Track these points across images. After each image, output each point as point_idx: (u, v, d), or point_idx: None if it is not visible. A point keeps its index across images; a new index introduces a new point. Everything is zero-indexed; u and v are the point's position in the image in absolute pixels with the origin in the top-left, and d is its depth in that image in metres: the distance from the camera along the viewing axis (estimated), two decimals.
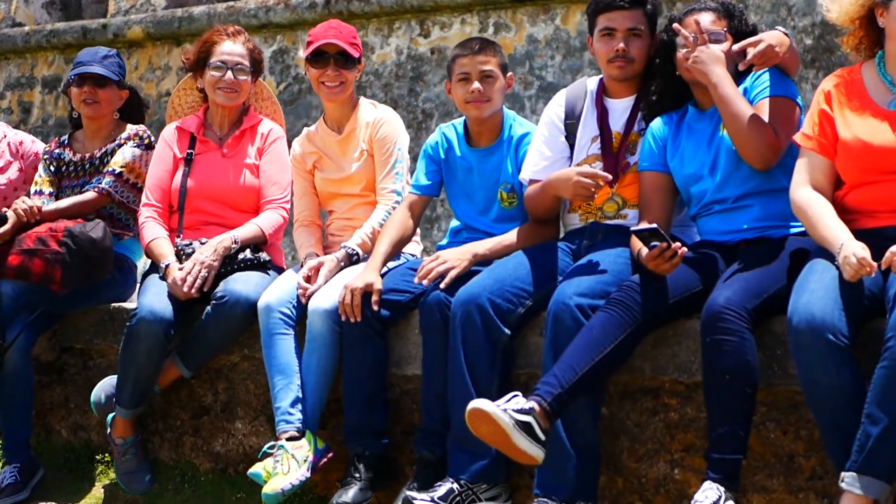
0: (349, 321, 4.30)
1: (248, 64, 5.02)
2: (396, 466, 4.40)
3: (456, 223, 4.73)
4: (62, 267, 4.87)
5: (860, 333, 3.48)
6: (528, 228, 4.40)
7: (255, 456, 4.55)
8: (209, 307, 4.63)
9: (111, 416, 4.80)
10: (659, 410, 3.99)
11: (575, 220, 4.40)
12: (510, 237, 4.37)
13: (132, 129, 5.28)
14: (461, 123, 4.64)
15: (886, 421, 3.28)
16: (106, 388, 4.86)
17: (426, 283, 4.21)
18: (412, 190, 4.68)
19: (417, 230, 4.76)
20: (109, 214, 5.22)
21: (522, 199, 4.44)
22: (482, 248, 4.32)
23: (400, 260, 4.69)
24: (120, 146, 5.24)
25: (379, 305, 4.28)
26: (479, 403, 3.61)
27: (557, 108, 4.45)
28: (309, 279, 4.54)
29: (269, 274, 4.78)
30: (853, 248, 3.46)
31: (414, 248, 4.87)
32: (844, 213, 3.71)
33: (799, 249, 3.80)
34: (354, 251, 4.66)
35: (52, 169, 5.32)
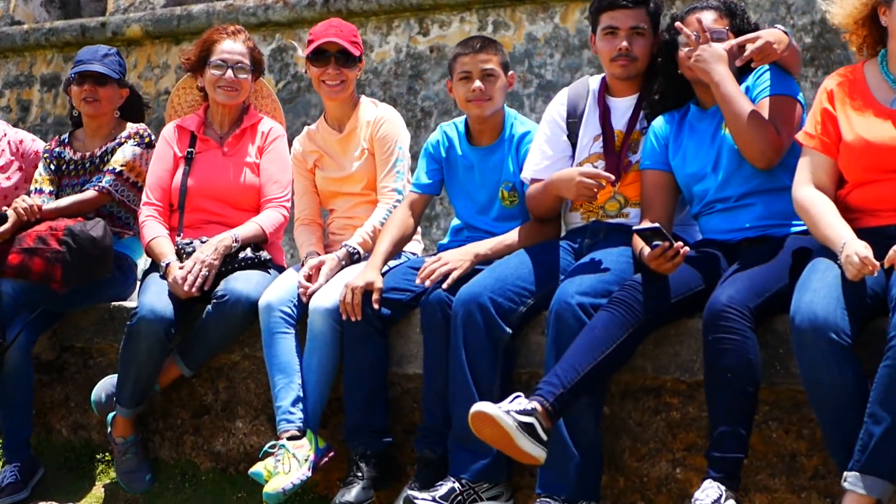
0: (350, 320, 4.30)
1: (248, 63, 5.02)
2: (398, 465, 4.40)
3: (457, 222, 4.73)
4: (62, 266, 4.86)
5: (863, 332, 3.47)
6: (529, 227, 4.40)
7: (255, 455, 4.55)
8: (210, 306, 4.63)
9: (111, 415, 4.79)
10: (661, 410, 3.99)
11: (577, 218, 4.39)
12: (511, 236, 4.36)
13: (132, 127, 5.27)
14: (462, 122, 4.63)
15: (889, 420, 3.28)
16: (106, 387, 4.86)
17: (428, 284, 4.21)
18: (413, 188, 4.68)
19: (418, 229, 4.76)
20: (109, 213, 5.21)
21: (523, 197, 4.44)
22: (483, 248, 4.32)
23: (401, 259, 4.68)
24: (120, 145, 5.22)
25: (380, 304, 4.28)
26: (482, 406, 3.60)
27: (559, 106, 4.44)
28: (310, 278, 4.54)
29: (269, 273, 4.77)
30: (855, 247, 3.45)
31: (415, 246, 4.87)
32: (847, 211, 3.70)
33: (801, 248, 3.79)
34: (355, 250, 4.65)
35: (52, 167, 5.31)
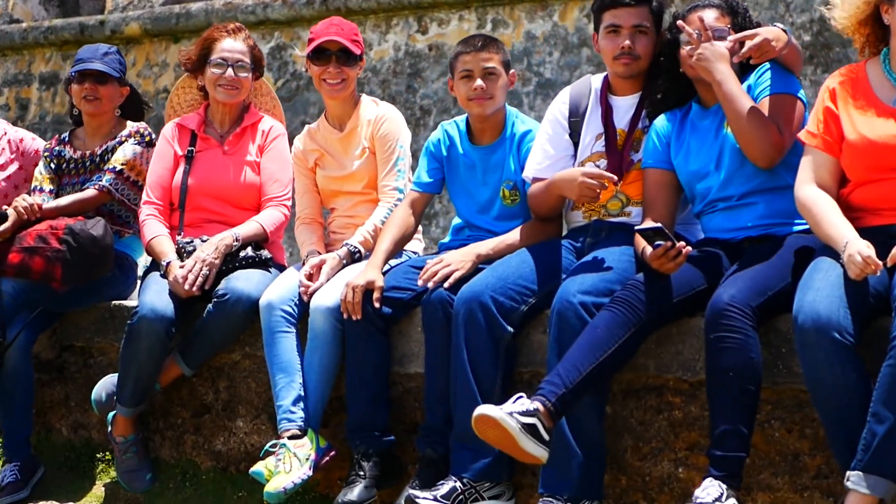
0: (351, 319, 4.29)
1: (248, 61, 5.01)
2: (400, 464, 4.39)
3: (458, 221, 4.72)
4: (63, 265, 4.85)
5: (865, 332, 3.47)
6: (530, 226, 4.39)
7: (256, 454, 4.54)
8: (210, 305, 4.62)
9: (112, 414, 4.78)
10: (663, 409, 3.98)
11: (578, 217, 4.38)
12: (513, 236, 4.36)
13: (133, 126, 5.26)
14: (463, 120, 4.62)
15: (892, 419, 3.27)
16: (107, 386, 4.85)
17: (431, 285, 4.19)
18: (414, 187, 4.67)
19: (419, 227, 4.75)
20: (110, 212, 5.20)
21: (524, 196, 4.44)
22: (485, 248, 4.31)
23: (402, 258, 4.68)
24: (121, 143, 5.22)
25: (381, 303, 4.27)
26: (485, 410, 3.60)
27: (561, 105, 4.44)
28: (311, 277, 4.53)
29: (270, 272, 4.77)
30: (858, 246, 3.45)
31: (416, 245, 4.86)
32: (849, 210, 3.70)
33: (803, 247, 3.79)
34: (356, 249, 4.65)
35: (52, 166, 5.30)
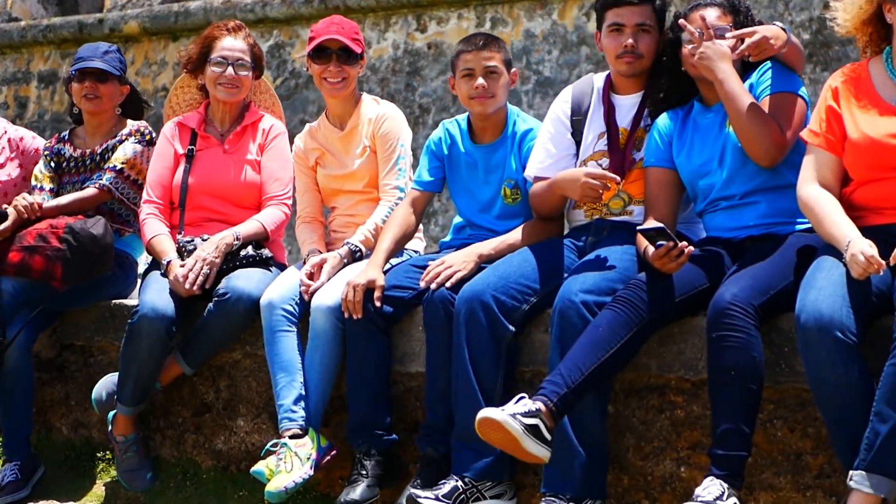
0: (352, 318, 4.29)
1: (249, 59, 5.00)
2: (401, 464, 4.39)
3: (458, 219, 4.72)
4: (63, 264, 4.84)
5: (868, 331, 3.47)
6: (532, 225, 4.39)
7: (257, 454, 4.53)
8: (211, 304, 4.61)
9: (112, 413, 4.77)
10: (665, 408, 3.98)
11: (580, 216, 4.38)
12: (514, 236, 4.35)
13: (133, 125, 5.26)
14: (464, 119, 4.62)
15: (895, 418, 3.27)
16: (107, 385, 4.84)
17: (433, 287, 4.18)
18: (414, 186, 4.66)
19: (420, 226, 4.75)
20: (110, 210, 5.20)
21: (526, 195, 4.43)
22: (487, 248, 4.31)
23: (403, 256, 4.67)
24: (121, 142, 5.21)
25: (382, 302, 4.27)
26: (489, 413, 3.59)
27: (564, 104, 4.43)
28: (312, 276, 4.53)
29: (271, 271, 4.76)
30: (860, 245, 3.45)
31: (417, 244, 4.86)
32: (852, 209, 3.69)
33: (806, 246, 3.78)
34: (357, 248, 4.64)
35: (52, 165, 5.29)
